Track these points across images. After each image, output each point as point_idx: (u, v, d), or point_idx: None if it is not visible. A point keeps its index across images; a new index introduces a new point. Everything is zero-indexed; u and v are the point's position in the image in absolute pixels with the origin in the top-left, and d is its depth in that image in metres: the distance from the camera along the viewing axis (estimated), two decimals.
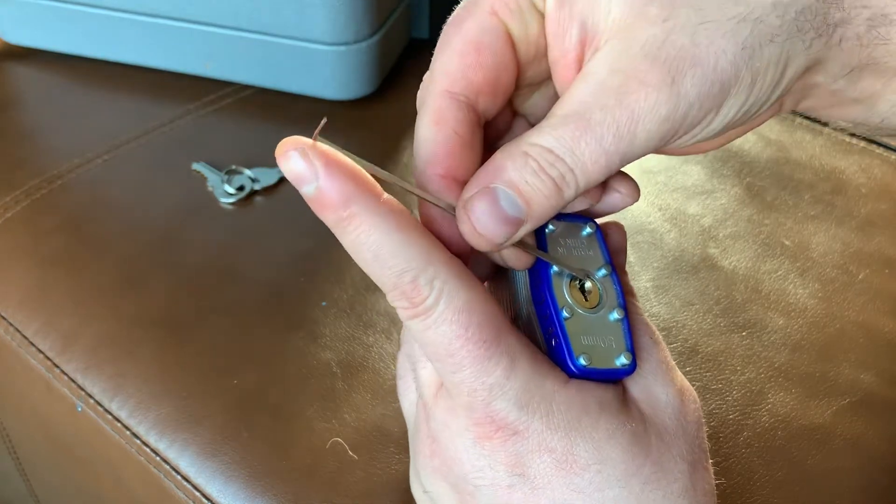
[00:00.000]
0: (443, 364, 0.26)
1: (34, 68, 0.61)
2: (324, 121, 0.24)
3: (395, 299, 0.25)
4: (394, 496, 0.31)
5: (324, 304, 0.44)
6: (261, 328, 0.43)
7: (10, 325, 0.44)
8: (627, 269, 0.47)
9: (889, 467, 0.38)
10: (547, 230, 0.29)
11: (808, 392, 0.41)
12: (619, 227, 0.32)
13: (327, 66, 0.56)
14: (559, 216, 0.30)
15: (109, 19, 0.58)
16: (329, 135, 0.24)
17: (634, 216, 0.51)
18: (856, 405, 0.41)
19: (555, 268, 0.28)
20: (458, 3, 0.27)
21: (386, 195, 0.24)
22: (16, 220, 0.49)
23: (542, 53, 0.28)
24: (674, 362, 0.29)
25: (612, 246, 0.31)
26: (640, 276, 0.47)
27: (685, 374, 0.41)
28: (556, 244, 0.29)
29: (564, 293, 0.28)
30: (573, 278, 0.29)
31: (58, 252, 0.46)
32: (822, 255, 0.49)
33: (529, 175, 0.25)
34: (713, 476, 0.28)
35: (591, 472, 0.26)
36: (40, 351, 0.43)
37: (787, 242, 0.50)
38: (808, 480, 0.37)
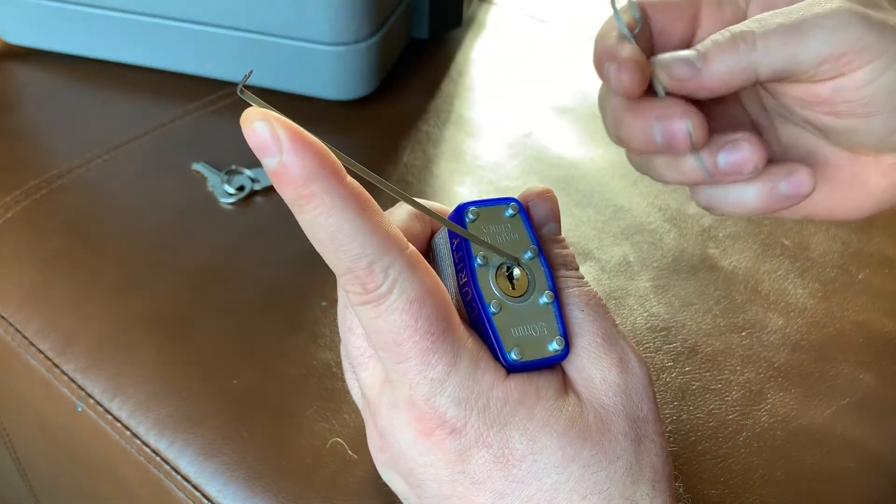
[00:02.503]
0: (388, 353, 0.26)
1: (34, 68, 0.61)
2: (250, 71, 0.24)
3: (347, 283, 0.25)
4: (394, 496, 0.31)
5: (324, 304, 0.44)
6: (261, 328, 0.43)
7: (10, 325, 0.44)
8: (626, 268, 0.47)
9: (889, 467, 0.38)
10: (467, 219, 0.29)
11: (808, 392, 0.41)
12: (543, 197, 0.31)
13: (327, 66, 0.56)
14: (478, 201, 0.29)
15: (109, 19, 0.58)
16: (329, 135, 0.24)
17: (634, 216, 0.51)
18: (856, 405, 0.41)
19: (479, 260, 0.28)
20: (456, 4, 0.28)
21: (349, 178, 0.24)
22: (16, 220, 0.49)
23: None
24: (616, 330, 0.29)
25: (537, 219, 0.31)
26: (640, 276, 0.47)
27: (685, 374, 0.41)
28: (479, 233, 0.29)
29: (491, 285, 0.28)
30: (499, 267, 0.28)
31: (58, 252, 0.47)
32: (821, 255, 0.49)
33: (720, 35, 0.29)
34: (664, 446, 0.28)
35: (527, 463, 0.26)
36: (40, 351, 0.43)
37: (787, 242, 0.50)
38: (807, 480, 0.37)
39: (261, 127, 0.23)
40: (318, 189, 0.23)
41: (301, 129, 0.23)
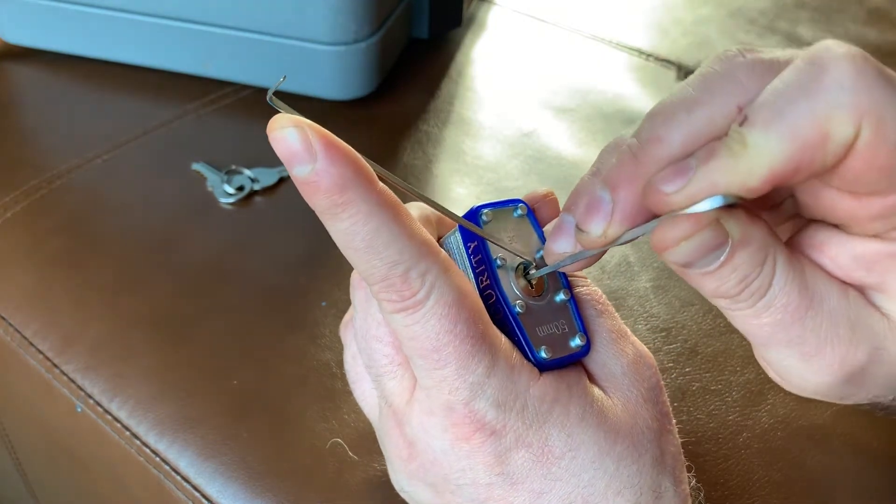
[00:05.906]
0: (426, 360, 0.25)
1: (34, 68, 0.61)
2: (283, 78, 0.24)
3: (381, 291, 0.25)
4: (394, 497, 0.31)
5: (324, 304, 0.44)
6: (261, 328, 0.43)
7: (10, 325, 0.44)
8: (626, 268, 0.47)
9: (889, 467, 0.38)
10: (481, 221, 0.29)
11: None
12: (547, 200, 0.31)
13: (327, 66, 0.56)
14: (488, 204, 0.29)
15: (109, 19, 0.58)
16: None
17: None
18: (855, 405, 0.41)
19: (498, 261, 0.28)
20: (456, 4, 0.27)
21: (381, 184, 0.24)
22: (16, 220, 0.49)
23: None
24: (624, 327, 0.29)
25: (544, 221, 0.31)
26: (640, 276, 0.47)
27: (684, 374, 0.41)
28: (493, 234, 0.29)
29: (512, 286, 0.28)
30: (517, 268, 0.28)
31: (58, 252, 0.46)
32: None
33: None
34: (678, 438, 0.29)
35: (566, 460, 0.26)
36: (40, 351, 0.43)
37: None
38: (807, 481, 0.37)
39: (292, 134, 0.22)
40: (354, 196, 0.23)
41: (333, 135, 0.23)
